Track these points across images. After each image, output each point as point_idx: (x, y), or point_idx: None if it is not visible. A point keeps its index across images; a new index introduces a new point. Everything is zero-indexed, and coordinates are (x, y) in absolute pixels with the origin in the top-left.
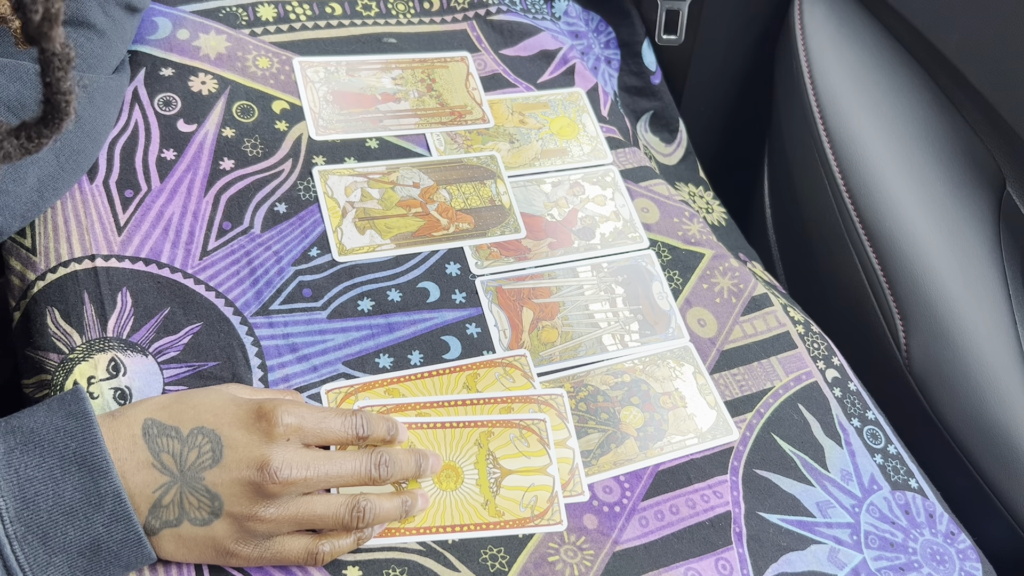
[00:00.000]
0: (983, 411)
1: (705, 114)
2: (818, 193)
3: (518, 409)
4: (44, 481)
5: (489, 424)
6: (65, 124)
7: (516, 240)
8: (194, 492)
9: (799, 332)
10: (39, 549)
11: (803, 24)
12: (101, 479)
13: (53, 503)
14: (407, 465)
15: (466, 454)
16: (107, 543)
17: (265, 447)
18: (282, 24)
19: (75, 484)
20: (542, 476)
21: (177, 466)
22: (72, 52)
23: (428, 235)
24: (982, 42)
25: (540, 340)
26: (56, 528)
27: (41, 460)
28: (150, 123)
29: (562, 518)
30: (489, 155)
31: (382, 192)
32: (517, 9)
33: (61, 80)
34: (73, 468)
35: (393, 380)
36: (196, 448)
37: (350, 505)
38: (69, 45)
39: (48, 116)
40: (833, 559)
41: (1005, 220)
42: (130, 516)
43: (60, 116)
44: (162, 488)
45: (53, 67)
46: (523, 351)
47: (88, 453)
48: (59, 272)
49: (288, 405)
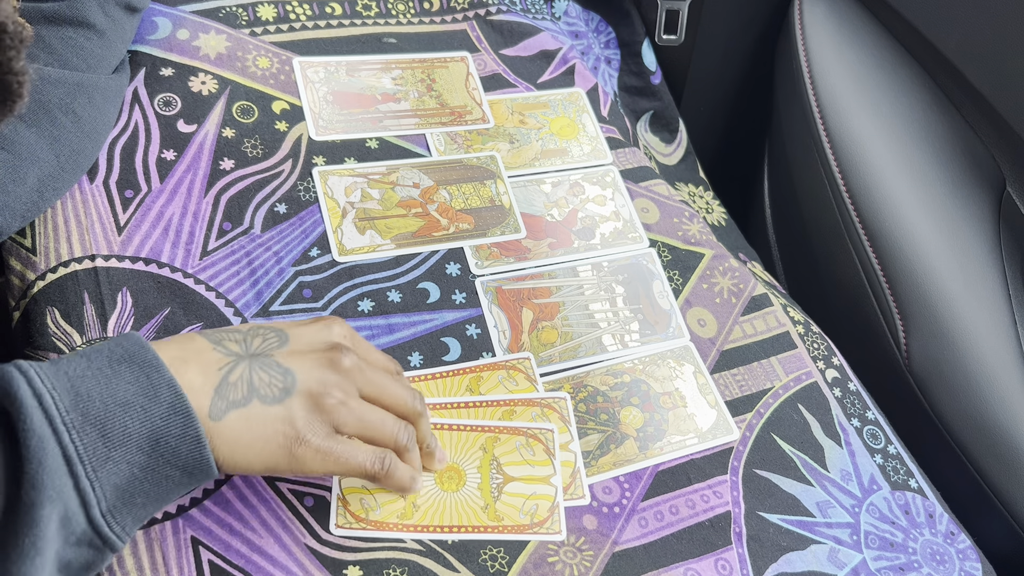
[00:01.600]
0: (983, 411)
1: (705, 114)
2: (818, 193)
3: (520, 413)
4: (96, 378)
5: (496, 430)
6: (18, 106)
7: (516, 240)
8: (264, 368)
9: (799, 332)
10: (98, 441)
11: (803, 24)
12: (154, 372)
13: (108, 396)
14: (413, 459)
15: (470, 457)
16: (166, 437)
17: (333, 336)
18: (282, 24)
19: (128, 379)
20: (545, 485)
21: (243, 349)
22: (26, 32)
23: (428, 235)
24: (982, 42)
25: (540, 341)
26: (114, 419)
27: (89, 362)
28: (150, 123)
29: (561, 528)
30: (489, 155)
31: (382, 192)
32: (517, 9)
33: (13, 60)
34: (123, 365)
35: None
36: (260, 336)
37: (402, 425)
38: (23, 24)
39: (1, 98)
40: (833, 559)
41: (1005, 220)
42: (188, 410)
43: (12, 98)
44: (228, 365)
45: (4, 45)
46: (527, 354)
47: (136, 352)
48: (59, 272)
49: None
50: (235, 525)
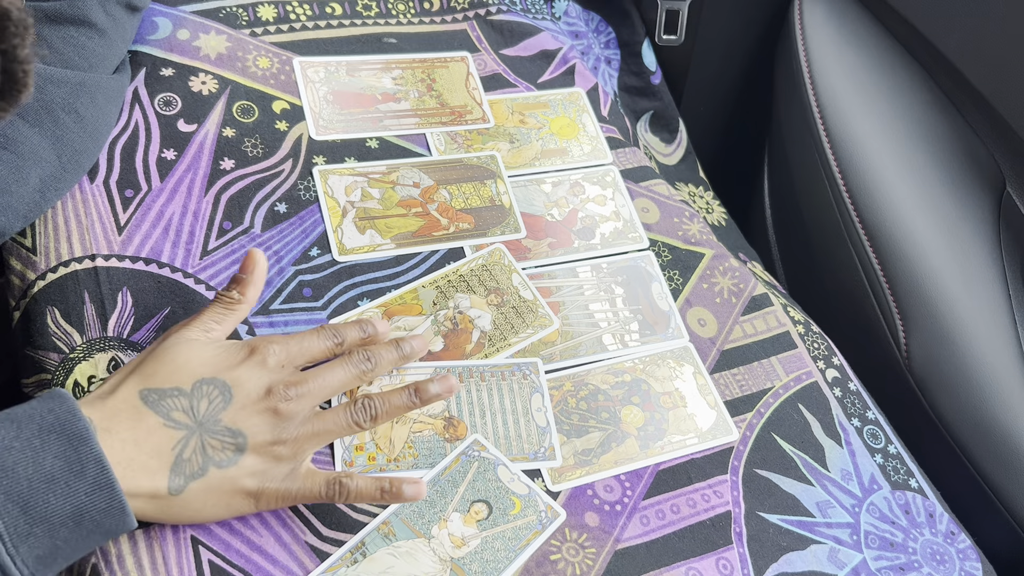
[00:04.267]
0: (983, 411)
1: (705, 114)
2: (818, 193)
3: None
4: (23, 450)
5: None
6: (23, 96)
7: (516, 240)
8: (215, 435)
9: (799, 332)
10: (20, 518)
11: (803, 24)
12: (82, 445)
13: (33, 471)
14: (388, 354)
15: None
16: (90, 511)
17: (267, 375)
18: (282, 24)
19: (55, 452)
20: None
21: (191, 418)
22: (30, 19)
23: (428, 235)
24: (982, 42)
25: (541, 340)
26: (37, 496)
27: (19, 431)
28: (150, 123)
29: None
30: (489, 155)
31: (382, 192)
32: (517, 9)
33: (18, 47)
34: (52, 436)
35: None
36: (205, 397)
37: (353, 404)
38: (27, 11)
39: (5, 88)
40: (833, 559)
41: (1005, 220)
42: (113, 483)
43: (18, 87)
44: (180, 442)
45: (8, 32)
46: (534, 360)
47: (67, 422)
48: (59, 272)
49: (268, 339)
50: (235, 524)
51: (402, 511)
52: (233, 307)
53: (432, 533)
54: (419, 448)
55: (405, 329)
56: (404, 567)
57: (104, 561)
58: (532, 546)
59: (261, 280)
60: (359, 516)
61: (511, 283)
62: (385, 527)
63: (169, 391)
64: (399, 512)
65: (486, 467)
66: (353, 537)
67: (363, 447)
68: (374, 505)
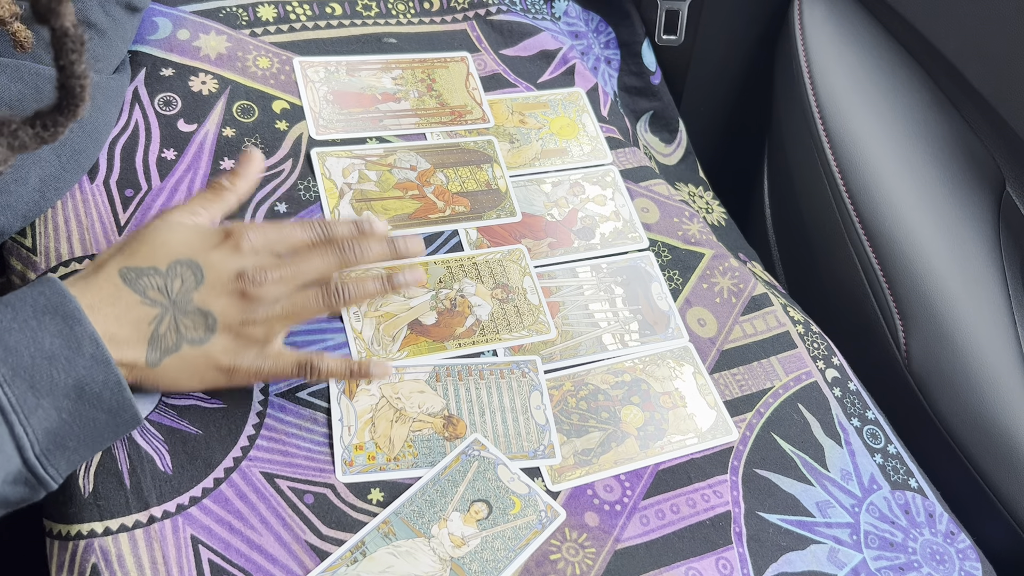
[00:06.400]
0: (983, 411)
1: (705, 114)
2: (818, 193)
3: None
4: (22, 331)
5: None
6: (81, 110)
7: (513, 223)
8: (187, 314)
9: (799, 332)
10: (27, 392)
11: (803, 24)
12: (76, 325)
13: (35, 349)
14: (377, 246)
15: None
16: (90, 384)
17: (239, 259)
18: (282, 24)
19: (53, 331)
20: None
21: (165, 296)
22: (84, 34)
23: (424, 217)
24: (982, 42)
25: (534, 343)
26: (41, 371)
27: (15, 314)
28: (150, 123)
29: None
30: (486, 139)
31: (379, 174)
32: (517, 9)
33: (75, 63)
34: (47, 317)
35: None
36: (179, 277)
37: (326, 286)
38: (80, 26)
39: (63, 102)
40: (833, 559)
41: (1005, 220)
42: (108, 359)
43: (76, 101)
44: (156, 319)
45: (66, 48)
46: (533, 357)
47: (59, 304)
48: (60, 272)
49: (248, 225)
50: (235, 523)
51: (402, 511)
52: (222, 194)
53: (432, 532)
54: (419, 447)
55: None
56: (404, 566)
57: (104, 561)
58: (532, 546)
59: (254, 175)
60: (359, 516)
61: (521, 284)
62: (385, 526)
63: (146, 270)
64: (399, 511)
65: (486, 467)
66: (353, 536)
67: (363, 446)
68: (374, 504)
